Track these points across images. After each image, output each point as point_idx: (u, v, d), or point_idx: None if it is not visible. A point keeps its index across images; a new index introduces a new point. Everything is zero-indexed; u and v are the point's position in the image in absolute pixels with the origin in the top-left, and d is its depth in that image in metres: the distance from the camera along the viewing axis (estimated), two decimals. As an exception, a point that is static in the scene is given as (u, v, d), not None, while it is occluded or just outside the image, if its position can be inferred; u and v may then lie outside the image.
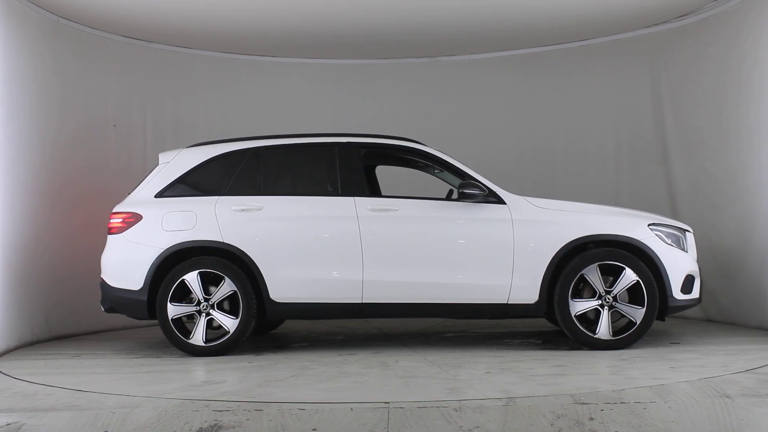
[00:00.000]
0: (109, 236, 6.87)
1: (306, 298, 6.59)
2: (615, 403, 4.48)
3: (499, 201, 6.56)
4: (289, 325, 8.57)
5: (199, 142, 7.37)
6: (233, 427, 4.27)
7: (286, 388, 5.17)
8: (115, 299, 6.77)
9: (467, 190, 6.53)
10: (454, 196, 6.87)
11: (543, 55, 9.64)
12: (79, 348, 7.32)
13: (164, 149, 8.83)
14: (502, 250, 6.45)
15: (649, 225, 6.51)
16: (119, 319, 8.14)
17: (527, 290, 6.43)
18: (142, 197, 6.89)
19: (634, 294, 6.43)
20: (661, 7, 8.27)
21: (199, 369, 6.06)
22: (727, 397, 4.61)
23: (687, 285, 6.50)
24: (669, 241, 6.50)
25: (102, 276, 6.86)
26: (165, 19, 8.43)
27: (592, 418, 4.25)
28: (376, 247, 6.53)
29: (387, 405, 4.53)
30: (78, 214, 8.22)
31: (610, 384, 5.01)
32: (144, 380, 5.63)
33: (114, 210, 6.91)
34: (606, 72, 9.36)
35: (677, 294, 6.43)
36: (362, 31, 8.95)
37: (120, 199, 7.25)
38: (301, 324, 8.71)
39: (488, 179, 7.05)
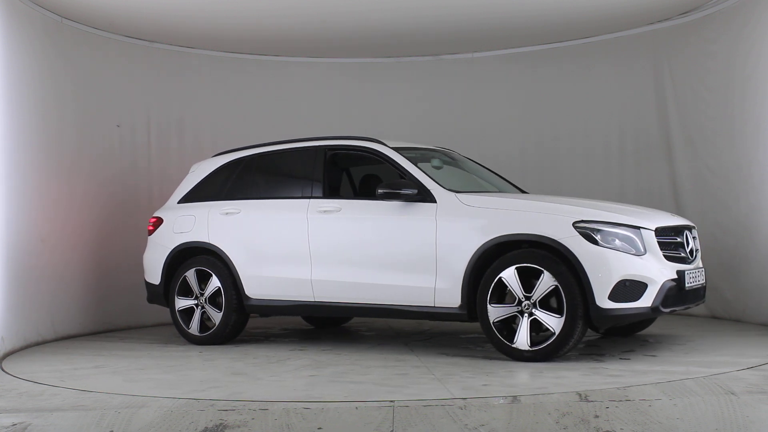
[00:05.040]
0: (148, 237, 7.81)
1: (272, 296, 6.96)
2: (620, 401, 4.47)
3: (431, 199, 6.24)
4: (359, 321, 8.75)
5: (226, 149, 7.85)
6: (239, 427, 4.28)
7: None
8: (148, 291, 7.74)
9: (383, 189, 6.32)
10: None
11: (546, 52, 9.63)
12: (84, 348, 7.33)
13: (168, 149, 9.23)
14: (426, 251, 6.15)
15: (574, 222, 5.71)
16: (125, 319, 8.58)
17: (450, 294, 6.06)
18: (169, 203, 7.83)
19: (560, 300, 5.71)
20: (663, 4, 8.26)
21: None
22: (732, 394, 4.60)
23: (623, 291, 5.61)
24: (601, 240, 5.65)
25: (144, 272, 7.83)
26: (168, 20, 8.44)
27: (597, 416, 4.25)
28: (319, 247, 6.69)
29: (392, 404, 4.54)
30: (83, 214, 8.24)
31: (614, 382, 5.01)
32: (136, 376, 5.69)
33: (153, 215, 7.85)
34: (609, 69, 9.34)
35: (603, 302, 5.56)
36: (365, 31, 8.96)
37: (124, 199, 7.71)
38: (365, 320, 8.77)
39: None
